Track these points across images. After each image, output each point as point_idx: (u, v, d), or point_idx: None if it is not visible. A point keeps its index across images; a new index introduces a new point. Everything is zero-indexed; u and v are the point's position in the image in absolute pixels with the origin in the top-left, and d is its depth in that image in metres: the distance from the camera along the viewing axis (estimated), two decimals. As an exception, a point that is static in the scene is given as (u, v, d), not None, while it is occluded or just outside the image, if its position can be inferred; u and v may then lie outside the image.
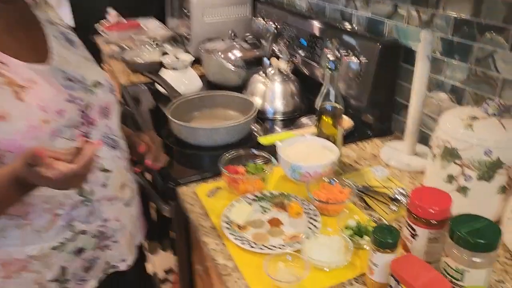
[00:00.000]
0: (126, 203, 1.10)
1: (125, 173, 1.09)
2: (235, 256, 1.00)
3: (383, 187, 1.23)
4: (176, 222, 1.33)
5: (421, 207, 0.86)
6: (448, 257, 0.81)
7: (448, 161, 1.07)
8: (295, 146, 1.32)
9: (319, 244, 0.98)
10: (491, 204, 1.07)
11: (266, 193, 1.19)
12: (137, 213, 1.19)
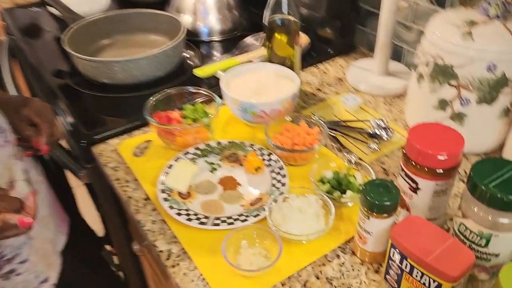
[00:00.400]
0: None
1: (12, 165, 0.77)
2: (181, 237, 0.75)
3: (357, 120, 1.00)
4: (101, 194, 1.04)
5: (425, 154, 0.63)
6: (466, 218, 0.60)
7: (441, 82, 0.84)
8: (242, 77, 1.04)
9: (290, 209, 0.75)
10: (491, 132, 0.87)
11: (212, 145, 0.92)
12: (49, 210, 0.90)
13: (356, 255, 0.71)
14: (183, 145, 0.92)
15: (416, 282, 0.60)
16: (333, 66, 1.24)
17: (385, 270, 0.66)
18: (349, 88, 1.14)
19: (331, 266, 0.70)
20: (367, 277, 0.68)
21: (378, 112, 1.04)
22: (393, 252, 0.62)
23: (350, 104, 1.04)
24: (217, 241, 0.73)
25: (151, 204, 0.82)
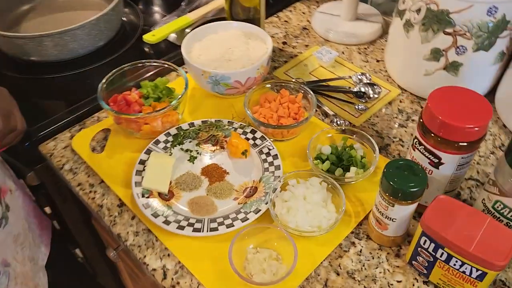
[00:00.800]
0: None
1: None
2: (174, 249, 0.64)
3: (338, 78, 0.90)
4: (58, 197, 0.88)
5: (451, 127, 0.56)
6: (505, 195, 0.55)
7: (435, 31, 0.76)
8: (204, 42, 0.89)
9: (293, 199, 0.66)
10: (485, 78, 0.82)
11: (184, 127, 0.79)
12: (25, 223, 0.76)
13: (372, 240, 0.65)
14: (150, 133, 0.78)
15: (453, 271, 0.56)
16: (295, 14, 1.11)
17: (410, 256, 0.61)
18: (318, 39, 1.03)
19: (349, 257, 0.63)
20: (389, 264, 0.63)
21: (355, 64, 0.95)
22: (425, 240, 0.57)
23: (326, 58, 0.93)
24: (217, 247, 0.64)
25: (128, 211, 0.70)
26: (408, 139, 0.79)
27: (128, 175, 0.73)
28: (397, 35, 0.84)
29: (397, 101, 0.87)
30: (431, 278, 0.60)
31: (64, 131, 0.83)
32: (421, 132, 0.60)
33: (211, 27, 0.89)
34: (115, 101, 0.79)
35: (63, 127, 0.83)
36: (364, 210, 0.68)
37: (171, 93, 0.83)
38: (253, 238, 0.63)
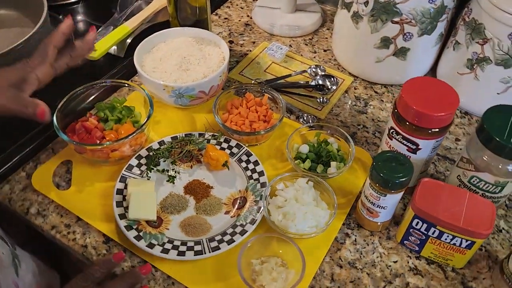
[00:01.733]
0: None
1: None
2: (179, 277, 0.63)
3: (295, 74, 0.92)
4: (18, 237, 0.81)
5: (425, 115, 0.60)
6: (479, 171, 0.61)
7: (383, 21, 0.80)
8: (156, 52, 0.85)
9: (287, 203, 0.67)
10: (429, 58, 0.88)
11: (155, 147, 0.76)
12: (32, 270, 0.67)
13: (364, 228, 0.69)
14: (118, 159, 0.74)
15: (445, 244, 0.61)
16: (234, 10, 1.10)
17: (402, 237, 0.66)
18: (263, 34, 1.03)
19: (346, 249, 0.67)
20: (383, 247, 0.67)
21: (304, 57, 0.98)
22: (417, 222, 0.61)
23: (278, 55, 0.94)
24: (220, 264, 0.64)
25: (117, 246, 0.66)
26: (371, 125, 0.84)
27: (106, 208, 0.70)
28: (345, 26, 0.88)
29: (352, 89, 0.91)
30: (423, 253, 0.65)
31: (17, 170, 0.76)
32: (396, 122, 0.64)
33: (159, 36, 0.86)
34: (73, 131, 0.74)
35: (14, 167, 0.76)
36: (349, 200, 0.72)
37: (131, 112, 0.79)
38: (254, 249, 0.64)
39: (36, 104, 0.60)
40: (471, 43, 0.78)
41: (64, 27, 0.67)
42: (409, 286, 0.63)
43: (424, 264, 0.65)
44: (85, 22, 1.04)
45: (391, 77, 0.90)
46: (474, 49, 0.78)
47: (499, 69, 0.77)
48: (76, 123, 0.74)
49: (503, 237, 0.69)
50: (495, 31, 0.74)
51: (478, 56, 0.78)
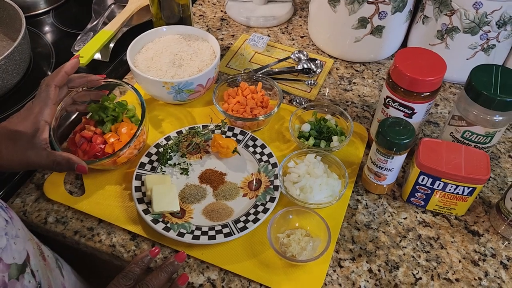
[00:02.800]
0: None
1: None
2: (212, 259, 0.66)
3: (280, 61, 0.96)
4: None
5: (419, 81, 0.67)
6: (471, 125, 0.69)
7: (360, 2, 0.86)
8: (144, 52, 0.86)
9: (301, 178, 0.71)
10: (400, 34, 0.96)
11: (162, 143, 0.78)
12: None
13: (372, 192, 0.75)
14: (126, 161, 0.75)
15: (449, 195, 0.68)
16: (207, 6, 1.13)
17: (408, 195, 0.72)
18: (240, 27, 1.07)
19: (360, 213, 0.72)
20: (392, 207, 0.73)
21: (284, 44, 1.02)
22: (423, 178, 0.68)
23: (260, 44, 0.98)
24: (248, 243, 0.67)
25: (145, 241, 0.68)
26: (358, 100, 0.90)
27: (126, 207, 0.71)
28: (322, 11, 0.93)
29: (334, 69, 0.97)
30: (428, 207, 0.72)
31: (25, 182, 0.75)
32: (392, 91, 0.70)
33: (146, 37, 0.87)
34: (74, 144, 0.74)
35: (22, 179, 0.75)
36: (353, 170, 0.77)
37: (125, 107, 0.79)
38: (278, 224, 0.67)
39: (70, 161, 0.64)
40: (440, 16, 0.86)
41: (69, 68, 0.69)
42: (422, 237, 0.69)
43: (430, 217, 0.72)
44: (59, 31, 1.03)
45: (368, 55, 0.96)
46: (443, 21, 0.86)
47: (467, 37, 0.85)
48: (75, 135, 0.74)
49: (492, 184, 0.77)
50: (461, 2, 0.82)
51: (447, 26, 0.86)
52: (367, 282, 0.64)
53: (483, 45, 0.86)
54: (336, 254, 0.67)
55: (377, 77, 0.95)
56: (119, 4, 1.06)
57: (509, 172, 0.79)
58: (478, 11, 0.81)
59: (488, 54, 0.87)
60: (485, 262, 0.67)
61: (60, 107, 0.72)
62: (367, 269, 0.66)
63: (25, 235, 0.51)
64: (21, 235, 0.49)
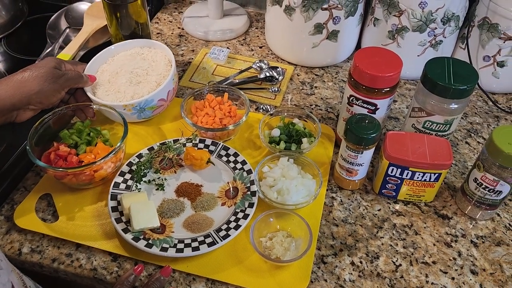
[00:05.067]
0: None
1: None
2: (198, 271, 0.66)
3: (242, 71, 0.98)
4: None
5: (379, 78, 0.70)
6: (429, 115, 0.73)
7: (314, 9, 0.90)
8: (100, 76, 0.86)
9: (277, 181, 0.73)
10: (354, 37, 1.00)
11: (134, 161, 0.77)
12: None
13: (345, 188, 0.78)
14: (103, 178, 0.74)
15: (417, 183, 0.72)
16: (163, 24, 1.14)
17: (379, 187, 0.75)
18: (199, 42, 1.08)
19: (336, 209, 0.75)
20: (365, 201, 0.76)
21: (244, 55, 1.05)
22: (392, 169, 0.71)
23: (221, 57, 1.00)
24: (231, 251, 0.67)
25: (127, 260, 0.67)
26: (321, 103, 0.94)
27: (104, 228, 0.70)
28: (279, 20, 0.96)
29: (295, 76, 1.00)
30: (399, 197, 0.75)
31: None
32: (354, 89, 0.74)
33: (99, 59, 0.87)
34: (48, 161, 0.72)
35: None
36: (325, 169, 0.80)
37: (99, 132, 0.79)
38: (259, 229, 0.68)
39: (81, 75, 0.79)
40: (389, 17, 0.91)
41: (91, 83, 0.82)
42: (396, 226, 0.73)
43: (402, 206, 0.75)
44: (13, 58, 1.00)
45: (326, 59, 1.00)
46: (392, 22, 0.91)
47: (416, 35, 0.91)
48: (49, 154, 0.73)
49: (454, 170, 0.81)
50: (408, 2, 0.87)
51: (397, 26, 0.91)
52: (351, 275, 0.66)
53: (431, 41, 0.91)
54: (318, 251, 0.69)
55: (336, 79, 0.99)
56: (74, 28, 1.05)
57: (468, 157, 0.84)
58: (424, 10, 0.87)
59: (436, 50, 0.93)
60: (457, 242, 0.71)
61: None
62: (350, 262, 0.68)
63: (8, 267, 0.49)
64: (4, 267, 0.47)
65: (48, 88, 0.73)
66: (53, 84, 0.74)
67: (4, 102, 0.70)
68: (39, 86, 0.72)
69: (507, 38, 0.87)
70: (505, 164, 0.65)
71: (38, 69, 0.73)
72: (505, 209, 0.75)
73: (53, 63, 0.76)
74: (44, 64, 0.75)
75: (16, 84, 0.71)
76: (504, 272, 0.67)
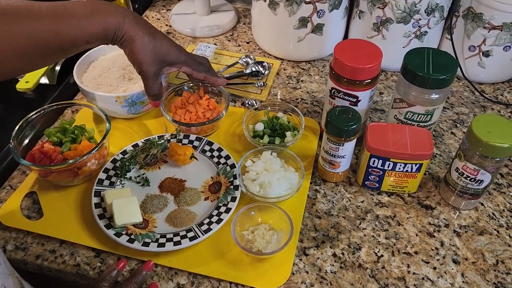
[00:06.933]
0: None
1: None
2: (179, 264, 0.66)
3: (229, 67, 0.98)
4: None
5: (360, 70, 0.70)
6: (410, 106, 0.73)
7: (298, 3, 0.90)
8: (91, 71, 0.86)
9: (259, 175, 0.73)
10: (340, 31, 1.00)
11: (118, 158, 0.78)
12: None
13: (329, 181, 0.78)
14: (87, 175, 0.75)
15: (399, 173, 0.72)
16: (151, 22, 1.14)
17: (362, 179, 0.75)
18: (186, 39, 1.09)
19: (320, 202, 0.75)
20: (349, 193, 0.76)
21: (231, 51, 1.05)
22: (373, 160, 0.71)
23: (208, 53, 1.00)
24: (214, 244, 0.68)
25: (110, 256, 0.67)
26: (307, 97, 0.94)
27: (87, 224, 0.70)
28: (264, 16, 0.96)
29: (282, 70, 1.00)
30: (383, 188, 0.75)
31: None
32: (335, 82, 0.74)
33: (90, 56, 0.87)
34: (33, 159, 0.73)
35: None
36: (309, 162, 0.80)
37: (83, 130, 0.80)
38: (242, 222, 0.69)
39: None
40: (374, 9, 0.91)
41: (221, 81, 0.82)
42: (379, 217, 0.73)
43: (385, 197, 0.75)
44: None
45: (312, 53, 1.00)
46: (377, 14, 0.91)
47: (400, 26, 0.90)
48: (33, 153, 0.74)
49: (438, 160, 0.81)
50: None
51: (382, 18, 0.91)
52: (333, 266, 0.66)
53: (416, 32, 0.91)
54: (300, 243, 0.69)
55: (323, 73, 0.99)
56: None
57: (453, 148, 0.84)
58: (407, 1, 0.87)
59: (421, 41, 0.93)
60: (440, 232, 0.70)
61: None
62: (331, 254, 0.68)
63: (5, 271, 0.50)
64: (1, 271, 0.48)
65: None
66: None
67: None
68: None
69: (491, 27, 0.87)
70: (485, 153, 0.65)
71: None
72: (489, 199, 0.75)
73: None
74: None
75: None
76: (486, 261, 0.67)
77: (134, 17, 0.67)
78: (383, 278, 0.65)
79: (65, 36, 0.61)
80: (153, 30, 0.70)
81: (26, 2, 0.59)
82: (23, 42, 0.57)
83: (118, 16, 0.64)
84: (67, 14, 0.61)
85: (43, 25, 0.59)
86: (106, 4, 0.65)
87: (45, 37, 0.59)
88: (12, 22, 0.56)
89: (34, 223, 0.71)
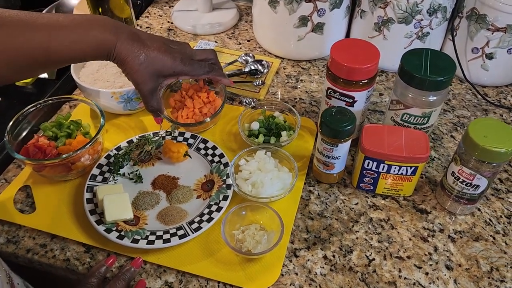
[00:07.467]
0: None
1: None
2: (168, 262, 0.66)
3: (227, 65, 0.98)
4: None
5: (356, 70, 0.69)
6: (408, 107, 0.72)
7: (298, 1, 0.89)
8: (89, 67, 0.86)
9: (252, 174, 0.73)
10: (341, 30, 0.99)
11: (112, 154, 0.78)
12: None
13: (323, 182, 0.77)
14: (81, 170, 0.75)
15: (394, 176, 0.71)
16: (153, 19, 1.14)
17: (357, 181, 0.74)
18: (187, 36, 1.08)
19: (313, 203, 0.74)
20: (343, 194, 0.75)
21: (231, 49, 1.04)
22: (368, 162, 0.70)
23: (207, 50, 1.00)
24: (203, 243, 0.67)
25: (100, 252, 0.67)
26: (305, 96, 0.93)
27: (79, 219, 0.70)
28: (264, 14, 0.96)
29: (281, 69, 0.99)
30: (377, 191, 0.74)
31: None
32: (332, 82, 0.73)
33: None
34: (27, 153, 0.73)
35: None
36: (304, 163, 0.79)
37: (79, 125, 0.80)
38: (233, 222, 0.68)
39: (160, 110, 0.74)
40: (375, 9, 0.90)
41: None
42: (373, 220, 0.72)
43: (380, 200, 0.74)
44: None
45: (313, 52, 0.99)
46: (378, 13, 0.90)
47: (401, 27, 0.89)
48: (28, 147, 0.74)
49: (436, 164, 0.80)
50: (392, -6, 0.86)
51: (383, 18, 0.90)
52: (323, 269, 0.65)
53: (417, 33, 0.90)
54: (291, 245, 0.68)
55: (323, 73, 0.98)
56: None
57: (452, 151, 0.82)
58: (409, 1, 0.85)
59: (423, 42, 0.91)
60: (434, 237, 0.69)
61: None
62: (322, 256, 0.67)
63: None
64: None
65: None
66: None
67: None
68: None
69: (495, 29, 0.85)
70: (481, 158, 0.63)
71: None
72: (487, 204, 0.74)
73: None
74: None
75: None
76: (481, 268, 0.66)
77: (128, 34, 0.64)
78: (374, 282, 0.64)
79: (53, 54, 0.60)
80: (147, 44, 0.67)
81: (20, 14, 0.58)
82: (13, 55, 0.57)
83: (111, 36, 0.62)
84: (59, 28, 0.60)
85: (35, 39, 0.58)
86: (100, 22, 0.63)
87: (36, 51, 0.58)
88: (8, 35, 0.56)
89: (27, 217, 0.71)
